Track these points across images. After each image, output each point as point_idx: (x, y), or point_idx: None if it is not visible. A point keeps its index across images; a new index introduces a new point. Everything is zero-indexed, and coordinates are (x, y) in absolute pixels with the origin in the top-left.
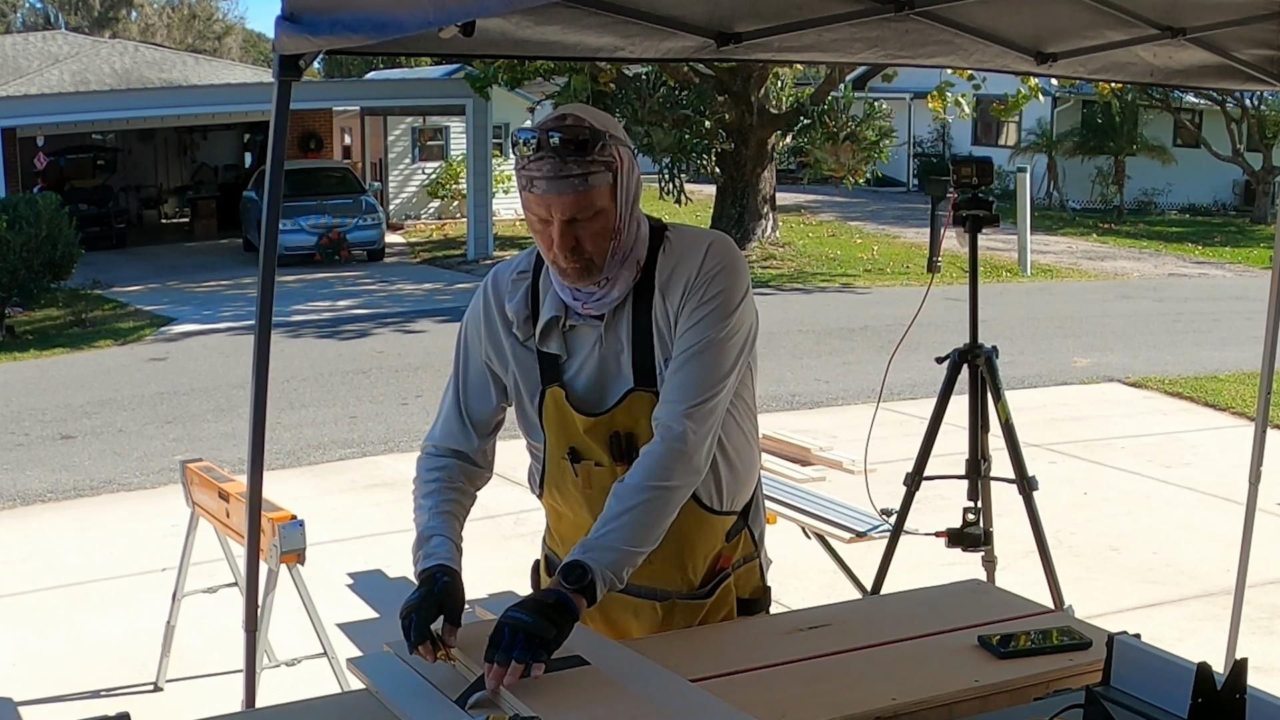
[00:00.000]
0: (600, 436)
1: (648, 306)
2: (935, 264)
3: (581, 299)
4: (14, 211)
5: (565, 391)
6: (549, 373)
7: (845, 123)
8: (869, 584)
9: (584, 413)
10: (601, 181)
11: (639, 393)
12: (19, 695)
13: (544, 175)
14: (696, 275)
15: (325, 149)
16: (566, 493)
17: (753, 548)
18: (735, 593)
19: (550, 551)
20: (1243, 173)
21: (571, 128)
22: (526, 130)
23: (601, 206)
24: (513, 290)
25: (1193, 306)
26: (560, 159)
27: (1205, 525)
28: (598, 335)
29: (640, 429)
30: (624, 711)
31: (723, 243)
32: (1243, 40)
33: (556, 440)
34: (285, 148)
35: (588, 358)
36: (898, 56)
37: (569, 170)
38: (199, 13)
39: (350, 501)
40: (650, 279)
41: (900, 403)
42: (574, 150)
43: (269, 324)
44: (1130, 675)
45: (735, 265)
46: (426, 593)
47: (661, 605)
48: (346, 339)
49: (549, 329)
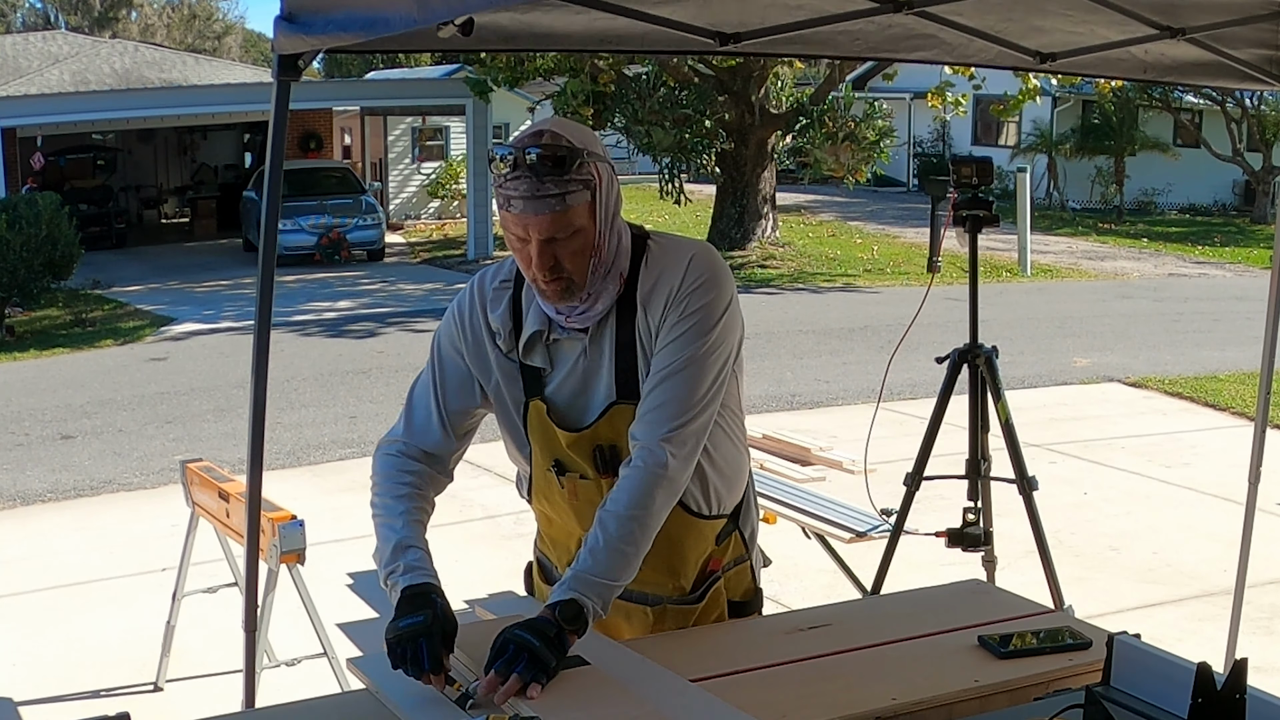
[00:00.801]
0: (584, 450)
1: (631, 319)
2: (935, 264)
3: (565, 313)
4: (14, 211)
5: (547, 406)
6: (532, 385)
7: (845, 123)
8: (869, 584)
9: (566, 428)
10: (579, 200)
11: (621, 406)
12: (19, 695)
13: (521, 195)
14: (678, 289)
15: (325, 149)
16: (554, 503)
17: (743, 549)
18: (726, 595)
19: (542, 554)
20: (1243, 173)
21: (549, 145)
22: (503, 147)
23: (580, 225)
24: (495, 300)
25: (1193, 306)
26: (538, 178)
27: (1205, 525)
28: (581, 348)
29: (623, 442)
30: (624, 711)
31: (706, 254)
32: (1241, 40)
33: (541, 452)
34: (285, 148)
35: (571, 371)
36: (894, 52)
37: (546, 190)
38: (199, 13)
39: (350, 501)
40: (633, 291)
41: (900, 403)
42: (551, 168)
43: (269, 324)
44: (1130, 675)
45: (718, 278)
46: (430, 618)
47: (653, 610)
48: (346, 339)
49: (532, 342)
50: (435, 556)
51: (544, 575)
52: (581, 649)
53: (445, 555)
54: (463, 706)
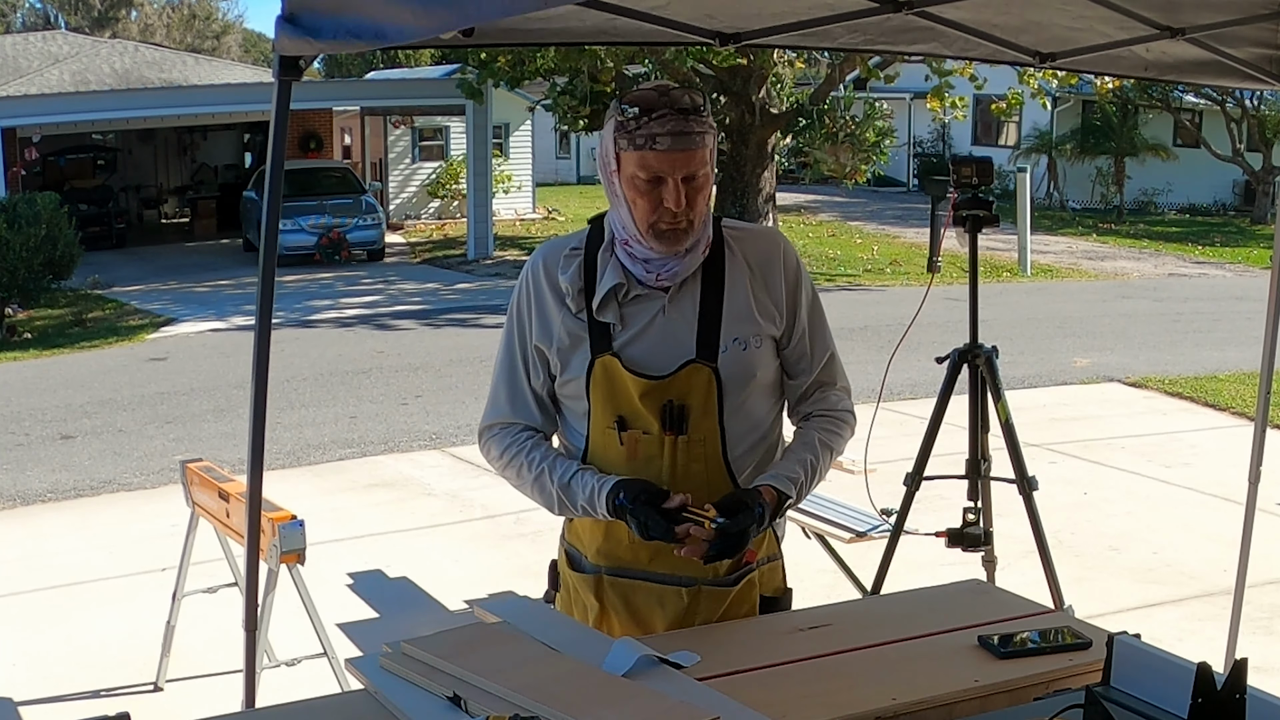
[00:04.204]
0: (654, 404)
1: (719, 285)
2: (935, 264)
3: (654, 270)
4: (14, 211)
5: (619, 359)
6: (600, 342)
7: (845, 123)
8: (869, 584)
9: (643, 376)
10: (710, 143)
11: (698, 365)
12: (19, 695)
13: (668, 132)
14: (795, 266)
15: (325, 149)
16: (610, 463)
17: (776, 548)
18: (759, 589)
19: (571, 546)
20: (1243, 173)
21: (683, 90)
22: (633, 95)
23: (707, 167)
24: (565, 264)
25: (1193, 306)
26: (684, 117)
27: (1205, 525)
28: (660, 306)
29: (692, 402)
30: (628, 710)
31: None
32: (1241, 39)
33: (603, 409)
34: (285, 148)
35: (646, 327)
36: (893, 44)
37: (691, 128)
38: (199, 12)
39: (350, 501)
40: (720, 260)
41: (900, 403)
42: (693, 110)
43: (269, 324)
44: (1130, 675)
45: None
46: (635, 520)
47: (688, 591)
48: (346, 339)
49: (607, 299)
50: (435, 556)
51: (573, 565)
52: (583, 649)
53: (445, 555)
54: (461, 707)
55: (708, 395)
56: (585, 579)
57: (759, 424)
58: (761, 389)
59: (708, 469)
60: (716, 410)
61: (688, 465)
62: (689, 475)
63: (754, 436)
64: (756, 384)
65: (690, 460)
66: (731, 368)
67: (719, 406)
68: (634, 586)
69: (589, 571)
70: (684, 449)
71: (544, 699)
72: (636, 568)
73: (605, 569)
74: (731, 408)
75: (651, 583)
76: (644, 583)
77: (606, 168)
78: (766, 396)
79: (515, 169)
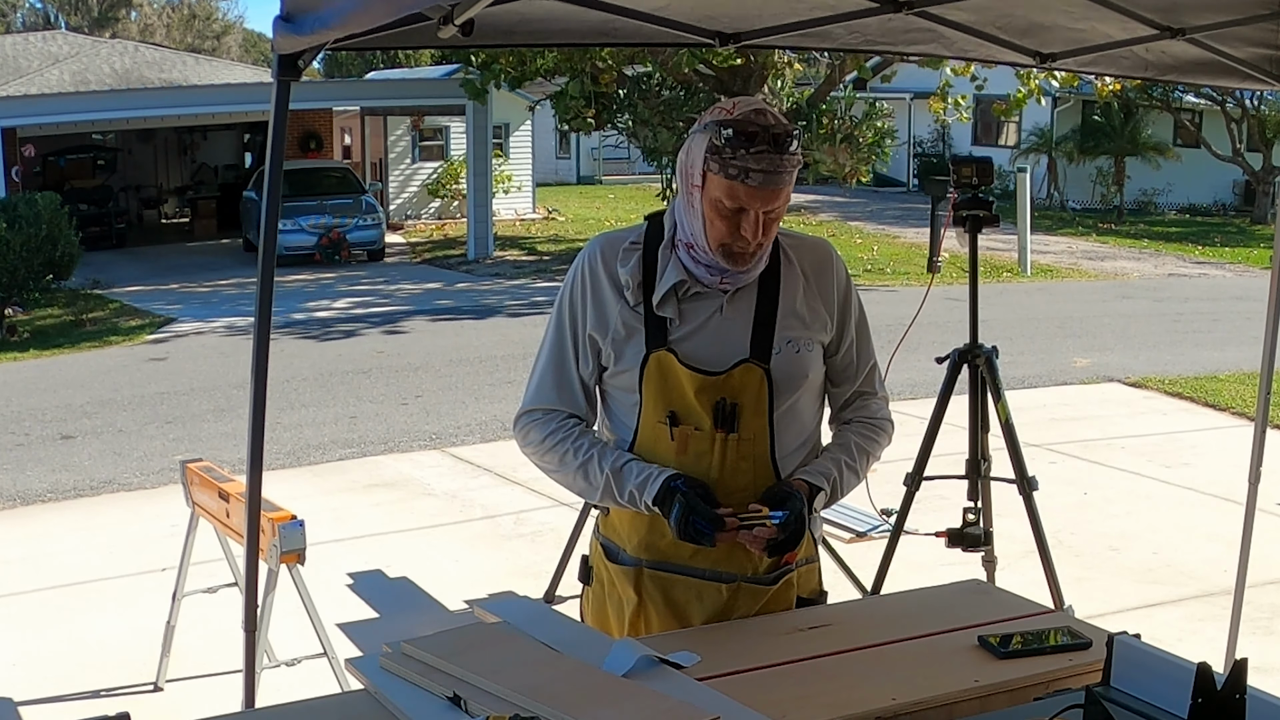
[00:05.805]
0: (707, 401)
1: (774, 289)
2: (935, 264)
3: (717, 275)
4: (14, 211)
5: (675, 354)
6: (656, 336)
7: (845, 123)
8: (869, 584)
9: (699, 371)
10: (795, 178)
11: (750, 365)
12: (19, 695)
13: (762, 169)
14: (845, 277)
15: (325, 149)
16: (658, 459)
17: (814, 550)
18: (796, 590)
19: (606, 539)
20: (1243, 173)
21: (781, 124)
22: (732, 117)
23: (788, 200)
24: (625, 257)
25: (1193, 306)
26: (780, 155)
27: (1205, 525)
28: (718, 305)
29: (744, 400)
30: (628, 710)
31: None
32: (1241, 40)
33: (655, 404)
34: (285, 148)
35: (703, 325)
36: (893, 45)
37: (783, 166)
38: (198, 12)
39: (350, 501)
40: (776, 265)
41: (900, 403)
42: (787, 142)
43: (268, 324)
44: (1130, 675)
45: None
46: (683, 502)
47: (727, 587)
48: (346, 339)
49: (668, 295)
50: (435, 557)
51: (610, 557)
52: (584, 650)
53: (445, 555)
54: (461, 707)
55: (759, 395)
56: (624, 571)
57: (805, 426)
58: (810, 392)
59: (755, 468)
60: (767, 410)
61: (736, 463)
62: (737, 473)
63: (800, 438)
64: (806, 387)
65: (739, 458)
66: (783, 369)
67: (770, 406)
68: (674, 581)
69: (628, 564)
70: (734, 447)
71: (544, 699)
72: (678, 561)
73: (646, 562)
74: (781, 408)
75: (692, 577)
76: (684, 577)
77: (689, 179)
78: (813, 400)
79: (515, 169)
